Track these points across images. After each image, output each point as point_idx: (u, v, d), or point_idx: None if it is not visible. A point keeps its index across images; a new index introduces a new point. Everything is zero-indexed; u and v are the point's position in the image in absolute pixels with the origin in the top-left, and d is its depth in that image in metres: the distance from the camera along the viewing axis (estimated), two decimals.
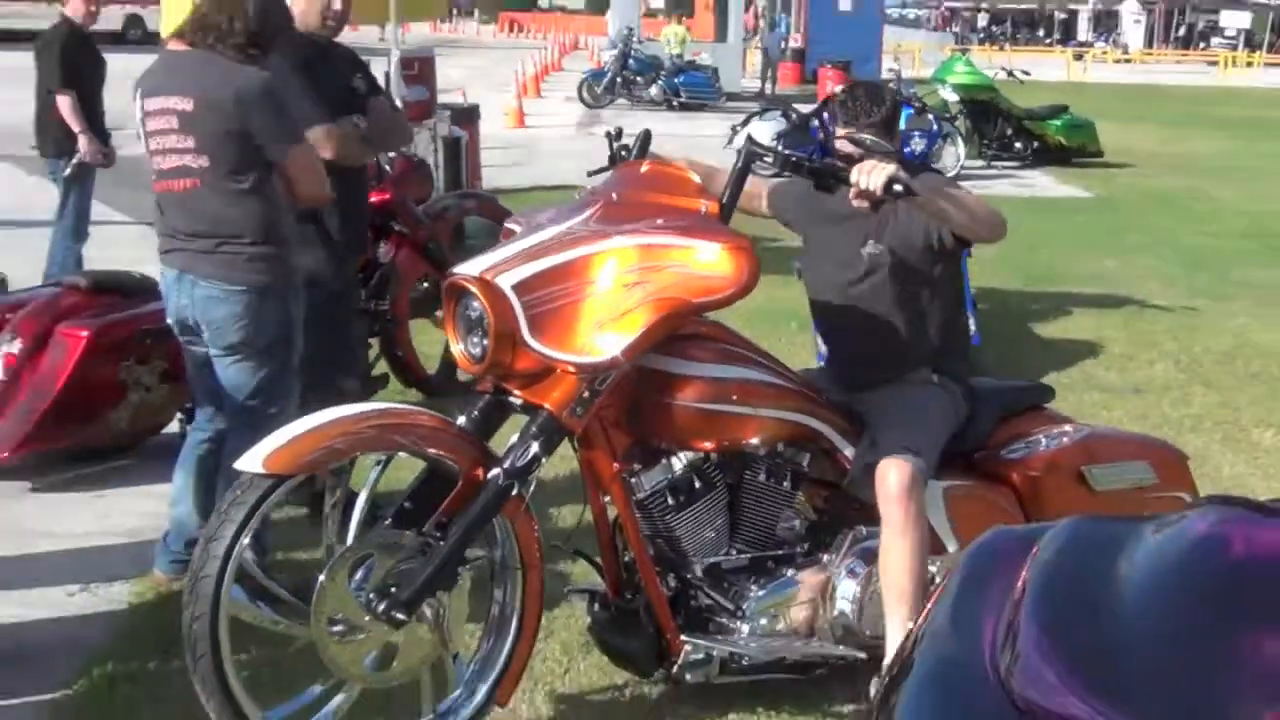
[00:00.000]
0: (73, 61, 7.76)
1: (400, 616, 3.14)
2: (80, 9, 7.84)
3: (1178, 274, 10.49)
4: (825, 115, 3.78)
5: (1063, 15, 67.36)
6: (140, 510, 5.12)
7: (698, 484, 3.47)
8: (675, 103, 24.49)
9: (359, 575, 3.17)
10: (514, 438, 3.26)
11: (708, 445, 3.45)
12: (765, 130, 15.51)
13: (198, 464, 4.35)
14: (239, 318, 4.06)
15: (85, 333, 5.30)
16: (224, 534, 3.04)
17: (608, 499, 3.44)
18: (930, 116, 15.25)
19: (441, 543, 3.17)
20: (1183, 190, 15.78)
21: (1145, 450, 4.05)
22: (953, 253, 3.75)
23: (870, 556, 3.58)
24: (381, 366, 6.35)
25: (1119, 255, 11.19)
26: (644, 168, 3.51)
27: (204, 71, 4.00)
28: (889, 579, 3.47)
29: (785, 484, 3.59)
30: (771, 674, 3.61)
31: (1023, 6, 74.70)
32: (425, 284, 6.35)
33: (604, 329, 3.10)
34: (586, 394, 3.21)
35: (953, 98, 17.31)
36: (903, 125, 14.67)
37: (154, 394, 5.48)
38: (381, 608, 3.13)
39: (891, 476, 3.45)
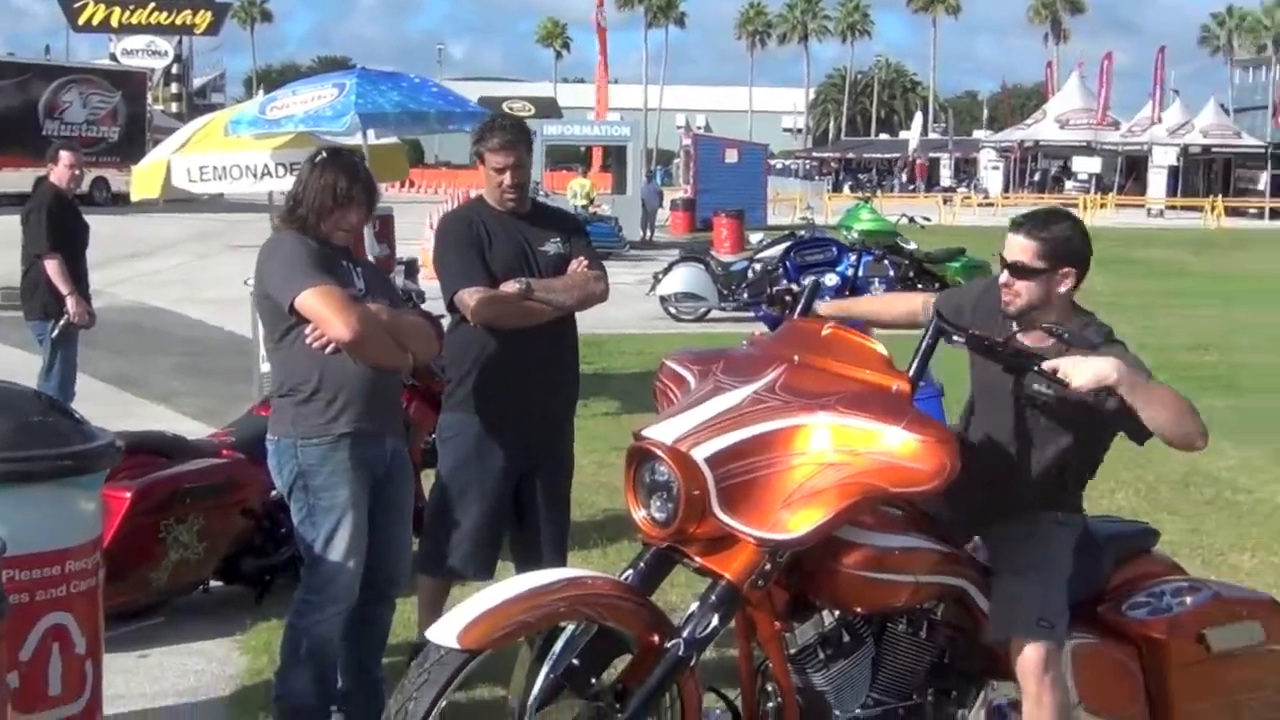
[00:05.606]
0: (59, 226, 7.84)
1: None
2: (64, 175, 7.94)
3: None
4: (788, 260, 4.01)
5: (924, 163, 70.41)
6: (190, 669, 5.11)
7: (846, 638, 3.50)
8: None
9: None
10: (693, 606, 3.30)
11: (865, 608, 3.48)
12: (687, 277, 16.03)
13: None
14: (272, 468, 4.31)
15: (127, 493, 5.25)
16: (418, 711, 3.06)
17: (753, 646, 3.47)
18: (887, 263, 16.02)
19: (621, 714, 3.20)
20: None
21: (1256, 609, 4.03)
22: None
23: (1001, 714, 3.64)
24: None
25: None
26: (825, 330, 3.51)
27: None
28: None
29: (923, 634, 3.62)
30: None
31: (885, 155, 77.85)
32: (433, 436, 6.45)
33: (794, 507, 3.12)
34: (768, 567, 3.25)
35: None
36: (861, 271, 15.12)
37: (191, 552, 5.46)
38: None
39: (1029, 655, 3.47)
